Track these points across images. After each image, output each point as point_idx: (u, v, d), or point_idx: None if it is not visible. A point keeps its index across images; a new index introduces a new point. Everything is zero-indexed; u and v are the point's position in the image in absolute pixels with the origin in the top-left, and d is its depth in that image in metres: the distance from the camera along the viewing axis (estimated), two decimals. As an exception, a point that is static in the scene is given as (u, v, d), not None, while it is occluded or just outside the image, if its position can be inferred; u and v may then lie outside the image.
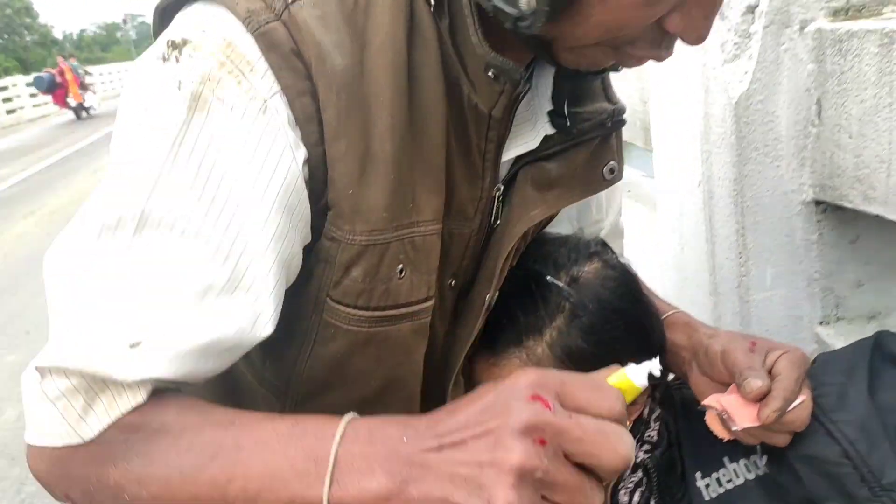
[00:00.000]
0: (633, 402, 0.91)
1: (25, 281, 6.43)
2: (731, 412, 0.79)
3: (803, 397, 0.81)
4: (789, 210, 1.14)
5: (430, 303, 0.75)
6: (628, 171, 0.98)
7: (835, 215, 1.13)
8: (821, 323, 1.20)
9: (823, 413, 0.88)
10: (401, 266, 0.70)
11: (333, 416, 0.58)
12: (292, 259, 0.67)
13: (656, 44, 0.65)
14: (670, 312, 0.95)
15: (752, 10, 1.06)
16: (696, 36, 0.64)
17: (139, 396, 0.60)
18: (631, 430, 0.94)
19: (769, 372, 0.79)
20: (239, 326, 0.62)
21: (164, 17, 0.70)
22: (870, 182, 1.00)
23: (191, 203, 0.60)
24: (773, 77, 1.07)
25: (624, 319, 0.88)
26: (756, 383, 0.76)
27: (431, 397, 0.83)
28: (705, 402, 0.81)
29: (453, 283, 0.80)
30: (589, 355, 0.84)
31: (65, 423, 0.60)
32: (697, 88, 1.17)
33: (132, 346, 0.59)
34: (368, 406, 0.74)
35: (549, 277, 0.86)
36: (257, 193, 0.62)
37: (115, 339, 0.59)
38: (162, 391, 0.62)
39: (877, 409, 0.89)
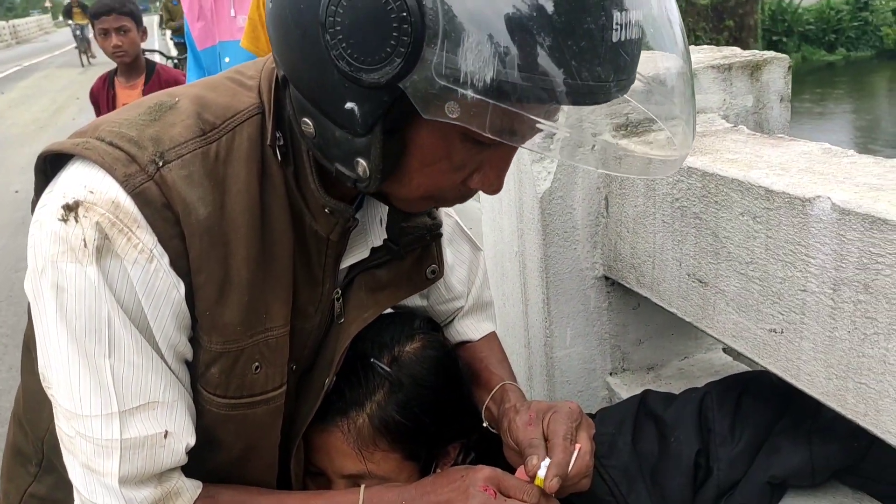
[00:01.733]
0: (446, 454, 1.09)
1: None
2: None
3: (578, 445, 0.91)
4: (584, 283, 1.36)
5: (284, 388, 0.89)
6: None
7: (621, 287, 1.36)
8: (610, 373, 1.43)
9: (597, 458, 1.08)
10: (256, 364, 0.86)
11: (351, 490, 0.92)
12: (187, 353, 0.84)
13: (462, 195, 0.83)
14: (499, 385, 1.09)
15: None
16: (493, 190, 0.81)
17: (189, 498, 0.83)
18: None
19: (546, 437, 0.92)
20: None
21: (46, 170, 0.81)
22: (641, 270, 1.23)
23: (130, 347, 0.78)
24: (570, 177, 1.28)
25: (436, 396, 1.02)
26: (532, 462, 0.89)
27: (281, 459, 0.96)
28: (517, 474, 0.91)
29: (295, 367, 0.94)
30: (403, 427, 0.98)
31: None
32: (512, 180, 1.36)
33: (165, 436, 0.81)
34: (236, 467, 0.91)
35: (372, 359, 1.01)
36: (161, 322, 0.79)
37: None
38: (209, 489, 0.86)
39: (637, 456, 1.10)
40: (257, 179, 0.82)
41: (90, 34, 18.63)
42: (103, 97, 3.54)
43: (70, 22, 20.46)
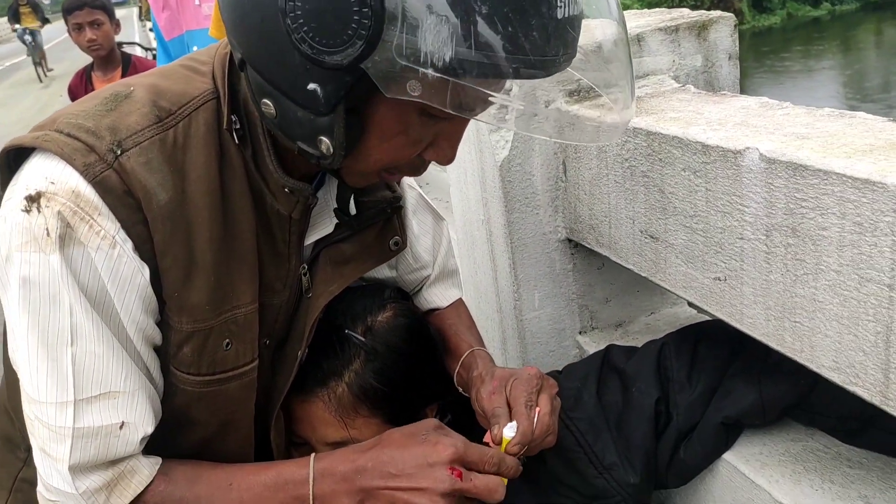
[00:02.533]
0: (424, 416, 1.14)
1: None
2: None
3: (538, 409, 0.97)
4: (548, 247, 1.40)
5: (255, 363, 0.94)
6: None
7: (584, 249, 1.40)
8: (580, 333, 1.48)
9: (563, 411, 1.12)
10: (227, 341, 0.90)
11: (301, 460, 0.91)
12: (155, 337, 0.88)
13: (416, 167, 0.87)
14: (470, 350, 1.14)
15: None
16: (447, 160, 0.86)
17: (147, 475, 0.87)
18: None
19: (509, 404, 0.97)
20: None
21: (10, 164, 0.85)
22: (599, 230, 1.27)
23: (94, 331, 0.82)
24: (528, 144, 1.32)
25: (411, 361, 1.07)
26: (495, 430, 0.95)
27: (258, 431, 1.01)
28: (484, 439, 0.97)
29: (268, 342, 0.99)
30: (381, 393, 1.03)
31: None
32: (473, 150, 1.40)
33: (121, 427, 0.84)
34: (212, 443, 0.96)
35: (347, 331, 1.06)
36: (127, 305, 0.83)
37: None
38: (165, 465, 0.89)
39: (602, 408, 1.15)
40: (216, 163, 0.86)
41: (42, 39, 15.86)
42: (81, 92, 3.56)
43: (16, 26, 16.09)
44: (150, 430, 0.87)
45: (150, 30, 10.11)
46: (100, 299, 0.81)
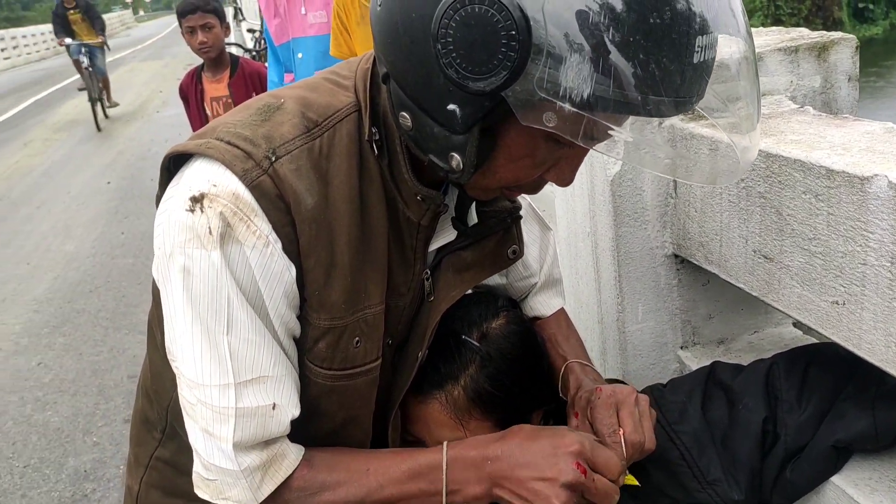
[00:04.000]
0: (529, 421, 1.19)
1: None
2: None
3: (621, 431, 1.00)
4: (655, 261, 1.42)
5: (379, 361, 1.00)
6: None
7: (690, 265, 1.42)
8: (681, 347, 1.49)
9: (668, 424, 1.14)
10: (357, 339, 0.96)
11: (434, 448, 0.98)
12: (296, 330, 0.95)
13: (535, 186, 0.92)
14: (570, 361, 1.19)
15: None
16: (566, 183, 0.90)
17: (294, 460, 0.94)
18: None
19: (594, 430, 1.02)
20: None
21: (170, 168, 0.93)
22: (709, 248, 1.29)
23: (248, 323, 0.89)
24: (639, 161, 1.35)
25: (522, 367, 1.12)
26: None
27: (376, 428, 1.07)
28: None
29: (391, 342, 1.04)
30: (494, 397, 1.08)
31: (248, 491, 0.92)
32: (583, 165, 1.43)
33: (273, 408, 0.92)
34: (334, 435, 1.02)
35: (463, 336, 1.11)
36: (275, 302, 0.90)
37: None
38: (307, 452, 0.96)
39: (708, 423, 1.17)
40: (356, 171, 0.92)
41: (104, 61, 10.94)
42: (192, 92, 3.75)
43: (67, 41, 11.07)
44: (296, 412, 0.93)
45: (248, 31, 10.48)
46: (252, 293, 0.88)
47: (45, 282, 5.75)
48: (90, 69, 10.61)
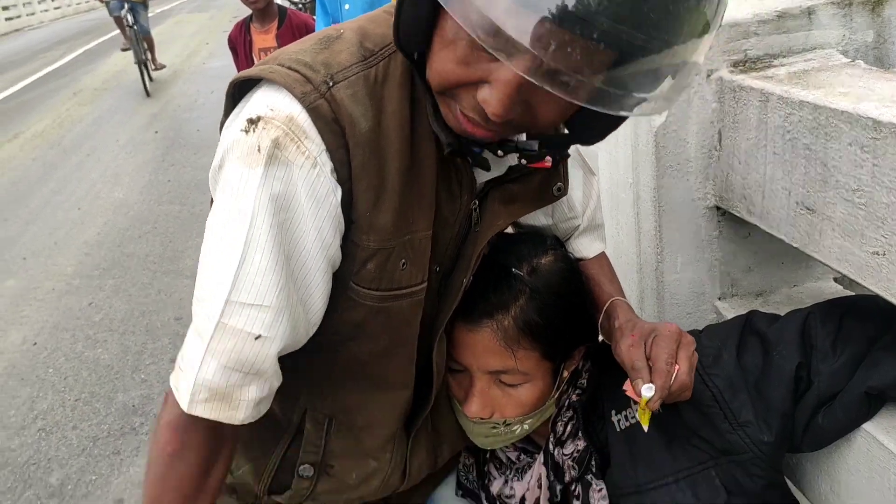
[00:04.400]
0: (571, 357, 1.24)
1: (15, 208, 6.56)
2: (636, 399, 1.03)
3: (678, 367, 1.03)
4: (696, 213, 1.44)
5: (424, 285, 1.04)
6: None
7: (731, 217, 1.43)
8: (719, 298, 1.52)
9: (702, 368, 1.16)
10: (403, 261, 1.00)
11: None
12: (336, 258, 0.97)
13: (474, 104, 0.85)
14: (611, 300, 1.22)
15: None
16: (491, 110, 0.81)
17: (239, 419, 0.94)
18: (569, 379, 1.25)
19: (649, 358, 1.04)
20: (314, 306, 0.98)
21: (234, 95, 0.98)
22: (751, 200, 1.30)
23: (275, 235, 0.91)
24: (685, 112, 1.36)
25: (567, 303, 1.17)
26: (638, 386, 1.02)
27: (421, 351, 1.12)
28: (623, 387, 1.05)
29: (438, 269, 1.08)
30: (542, 329, 1.13)
31: (187, 395, 0.92)
32: (629, 115, 1.45)
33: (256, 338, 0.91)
34: (381, 357, 1.08)
35: (514, 269, 1.16)
36: (318, 222, 0.92)
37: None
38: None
39: (741, 369, 1.19)
40: (408, 101, 0.95)
41: (147, 19, 10.09)
42: (240, 42, 3.80)
43: None
44: (280, 347, 0.93)
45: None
46: (291, 215, 0.90)
47: (95, 226, 5.92)
48: (133, 27, 9.79)
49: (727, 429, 1.15)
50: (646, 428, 1.09)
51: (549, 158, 1.00)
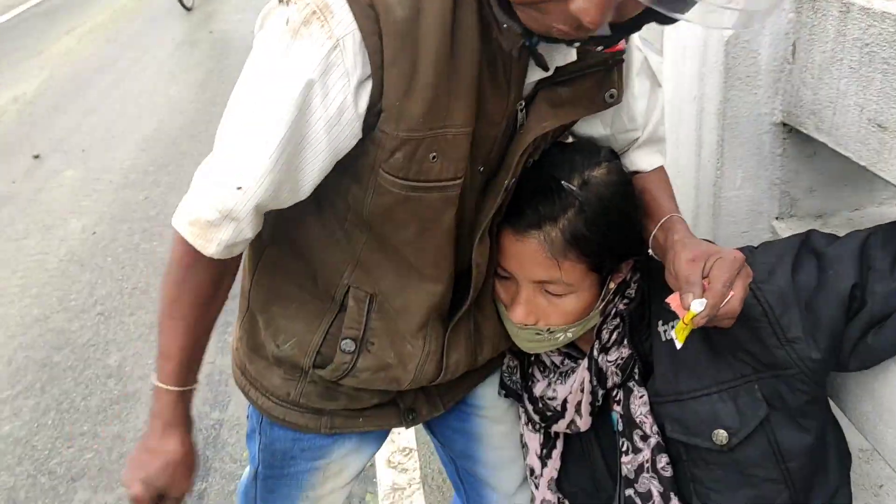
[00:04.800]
0: (619, 270, 1.25)
1: (74, 98, 6.68)
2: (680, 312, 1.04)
3: (733, 293, 1.03)
4: (761, 128, 1.41)
5: (458, 182, 1.04)
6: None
7: (798, 135, 1.40)
8: (777, 218, 1.50)
9: (755, 283, 1.15)
10: (433, 154, 1.01)
11: None
12: (341, 145, 1.00)
13: (567, 21, 0.85)
14: (667, 217, 1.20)
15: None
16: (589, 20, 0.81)
17: (213, 249, 1.04)
18: (616, 290, 1.26)
19: (707, 276, 1.04)
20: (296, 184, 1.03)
21: None
22: (821, 116, 1.27)
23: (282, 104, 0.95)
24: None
25: (618, 217, 1.16)
26: (688, 298, 1.02)
27: (461, 245, 1.14)
28: (667, 300, 1.07)
29: (482, 169, 1.09)
30: (589, 241, 1.13)
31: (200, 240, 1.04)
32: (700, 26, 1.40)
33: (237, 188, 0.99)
34: (414, 246, 1.11)
35: (564, 182, 1.15)
36: (328, 102, 0.95)
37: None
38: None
39: (795, 286, 1.19)
40: None
41: None
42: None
43: None
44: (259, 201, 1.01)
45: None
46: (305, 92, 0.94)
47: (151, 123, 6.01)
48: None
49: (775, 344, 1.15)
50: (679, 344, 1.08)
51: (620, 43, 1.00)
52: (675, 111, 1.61)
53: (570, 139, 1.28)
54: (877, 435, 1.24)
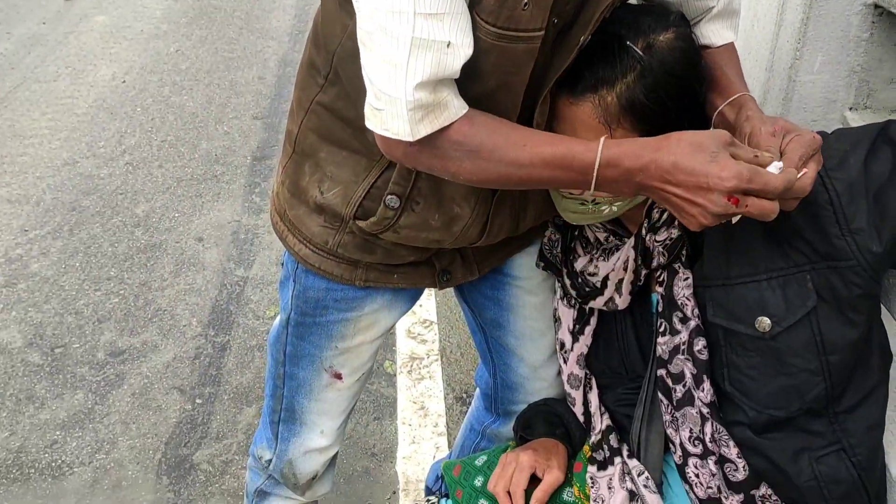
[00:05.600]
0: None
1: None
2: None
3: (805, 170, 0.98)
4: (851, 8, 1.31)
5: (541, 33, 0.98)
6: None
7: (888, 20, 1.30)
8: (850, 108, 1.41)
9: (825, 169, 1.10)
10: (525, 1, 0.94)
11: (591, 144, 0.98)
12: None
13: None
14: (738, 94, 1.13)
15: None
16: None
17: (454, 113, 0.97)
18: None
19: (782, 152, 0.99)
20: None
21: None
22: (923, -4, 1.17)
23: None
24: None
25: (681, 87, 1.09)
26: (766, 157, 0.97)
27: (525, 106, 1.08)
28: None
29: (556, 21, 1.02)
30: (647, 109, 1.06)
31: (407, 125, 0.96)
32: None
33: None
34: (485, 99, 1.04)
35: (628, 42, 1.07)
36: None
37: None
38: (470, 111, 0.99)
39: (866, 175, 1.12)
40: None
41: None
42: None
43: None
44: (469, 52, 0.95)
45: None
46: None
47: (184, -27, 5.81)
48: None
49: (836, 233, 1.10)
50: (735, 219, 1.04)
51: None
52: (755, -14, 1.51)
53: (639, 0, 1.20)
54: (924, 338, 1.21)
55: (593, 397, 1.42)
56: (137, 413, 2.45)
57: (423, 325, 2.75)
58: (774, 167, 0.96)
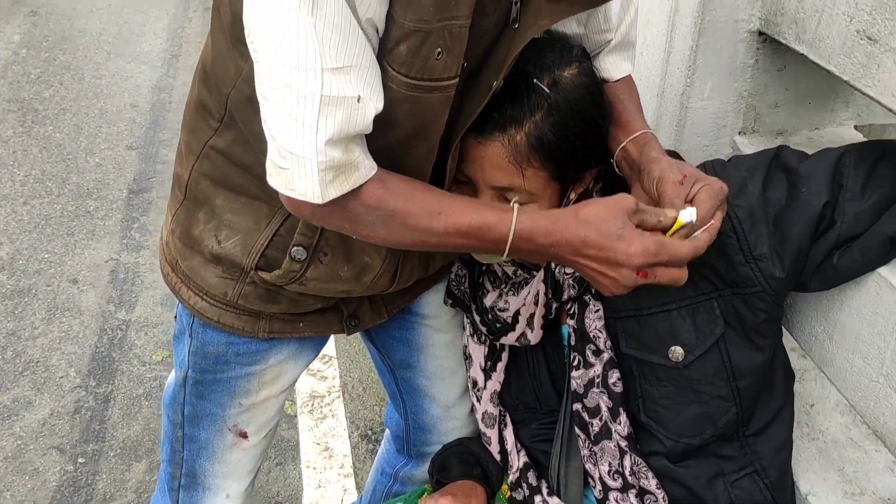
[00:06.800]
0: (581, 179, 1.17)
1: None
2: None
3: (713, 222, 1.01)
4: (737, 35, 1.34)
5: (456, 80, 0.95)
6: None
7: (771, 46, 1.34)
8: (739, 133, 1.46)
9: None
10: (439, 49, 0.91)
11: (505, 214, 0.96)
12: (379, 27, 0.90)
13: None
14: (640, 132, 1.14)
15: None
16: None
17: (364, 175, 0.92)
18: (576, 201, 1.19)
19: (691, 201, 1.01)
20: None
21: None
22: (804, 25, 1.21)
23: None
24: (750, -84, 1.23)
25: (586, 122, 1.08)
26: (669, 218, 0.98)
27: (438, 153, 1.04)
28: None
29: (465, 65, 0.99)
30: (555, 146, 1.05)
31: (317, 187, 0.90)
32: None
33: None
34: (401, 148, 1.00)
35: (535, 80, 1.06)
36: None
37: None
38: (381, 173, 0.95)
39: (765, 202, 1.15)
40: None
41: None
42: None
43: None
44: (380, 106, 0.90)
45: None
46: None
47: (42, -5, 5.47)
48: None
49: (740, 260, 1.12)
50: None
51: None
52: (645, 12, 1.52)
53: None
54: (825, 356, 1.25)
55: (509, 434, 1.39)
56: (12, 479, 2.23)
57: (323, 361, 2.65)
58: (688, 213, 0.97)
